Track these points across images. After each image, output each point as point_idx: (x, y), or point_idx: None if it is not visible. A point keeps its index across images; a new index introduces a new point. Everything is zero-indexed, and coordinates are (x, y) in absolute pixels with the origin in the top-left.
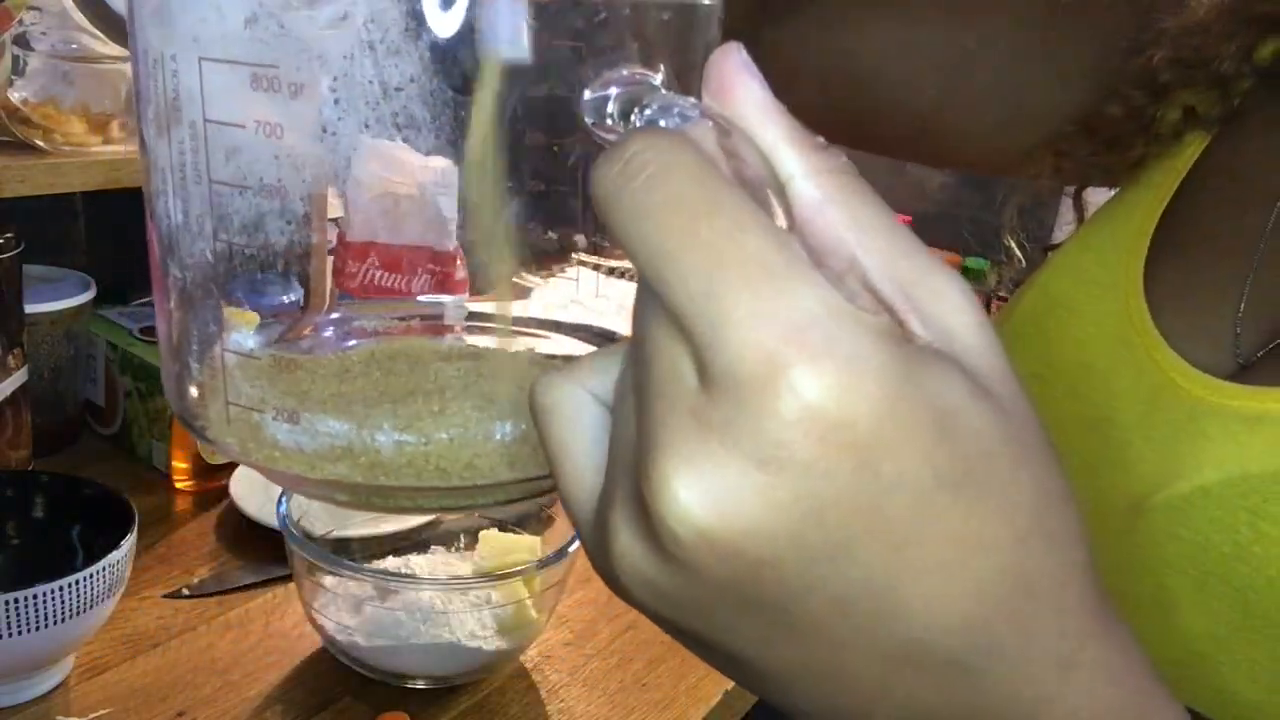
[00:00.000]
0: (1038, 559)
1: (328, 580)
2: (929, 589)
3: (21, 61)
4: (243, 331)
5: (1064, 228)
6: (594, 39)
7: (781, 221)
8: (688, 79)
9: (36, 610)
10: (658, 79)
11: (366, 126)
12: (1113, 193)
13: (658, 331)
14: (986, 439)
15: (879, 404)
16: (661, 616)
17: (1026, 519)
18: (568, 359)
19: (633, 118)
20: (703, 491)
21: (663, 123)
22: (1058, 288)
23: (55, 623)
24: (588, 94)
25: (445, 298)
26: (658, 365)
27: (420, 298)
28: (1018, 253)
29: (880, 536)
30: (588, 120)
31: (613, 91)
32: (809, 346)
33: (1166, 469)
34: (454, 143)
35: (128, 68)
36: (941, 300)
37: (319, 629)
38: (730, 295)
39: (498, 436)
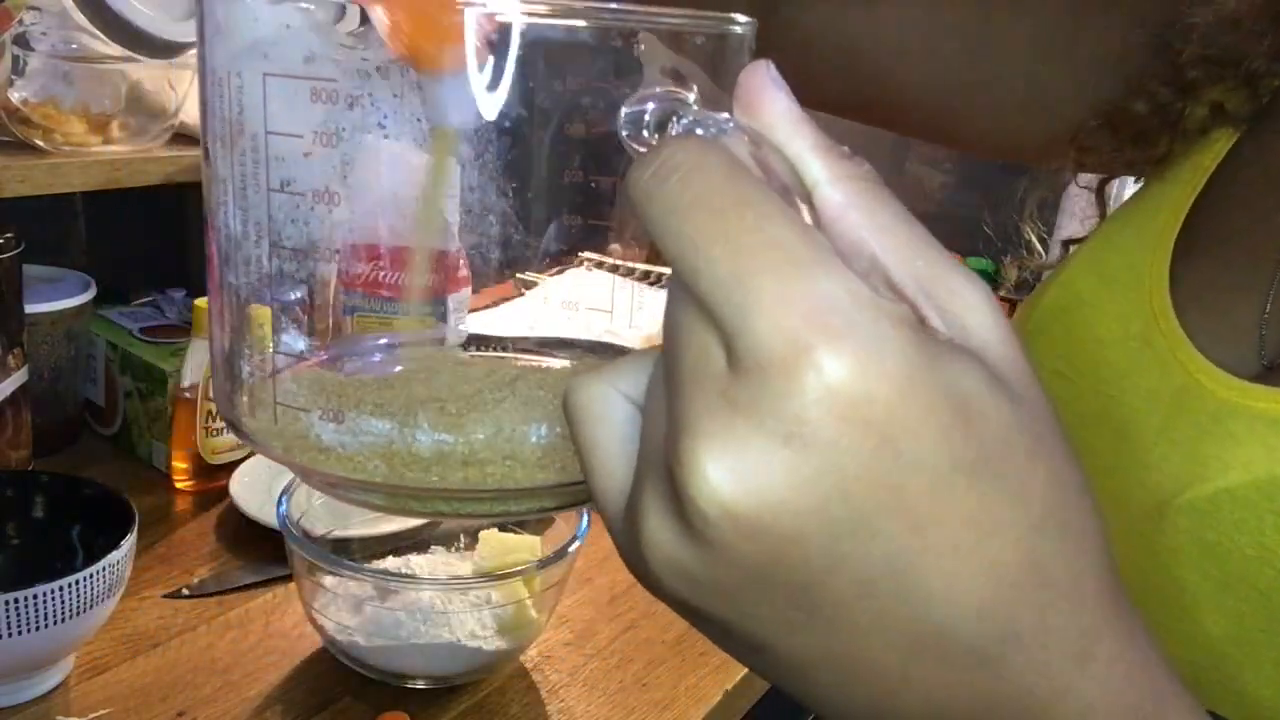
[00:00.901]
0: (1053, 548)
1: (328, 580)
2: (947, 571)
3: (21, 61)
4: (293, 333)
5: (1065, 221)
6: (631, 62)
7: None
8: (719, 103)
9: (36, 610)
10: (691, 97)
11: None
12: (1137, 186)
13: (688, 320)
14: (1002, 428)
15: (898, 384)
16: (688, 604)
17: (1041, 509)
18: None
19: (669, 129)
20: (730, 469)
21: (699, 132)
22: (1080, 284)
23: (55, 623)
24: (625, 109)
25: (444, 328)
26: (688, 352)
27: (427, 329)
28: (1038, 246)
29: (900, 515)
30: (624, 133)
31: (649, 106)
32: (831, 329)
33: (1190, 470)
34: (495, 178)
35: (128, 68)
36: (959, 298)
37: (319, 629)
38: (756, 281)
39: (533, 440)
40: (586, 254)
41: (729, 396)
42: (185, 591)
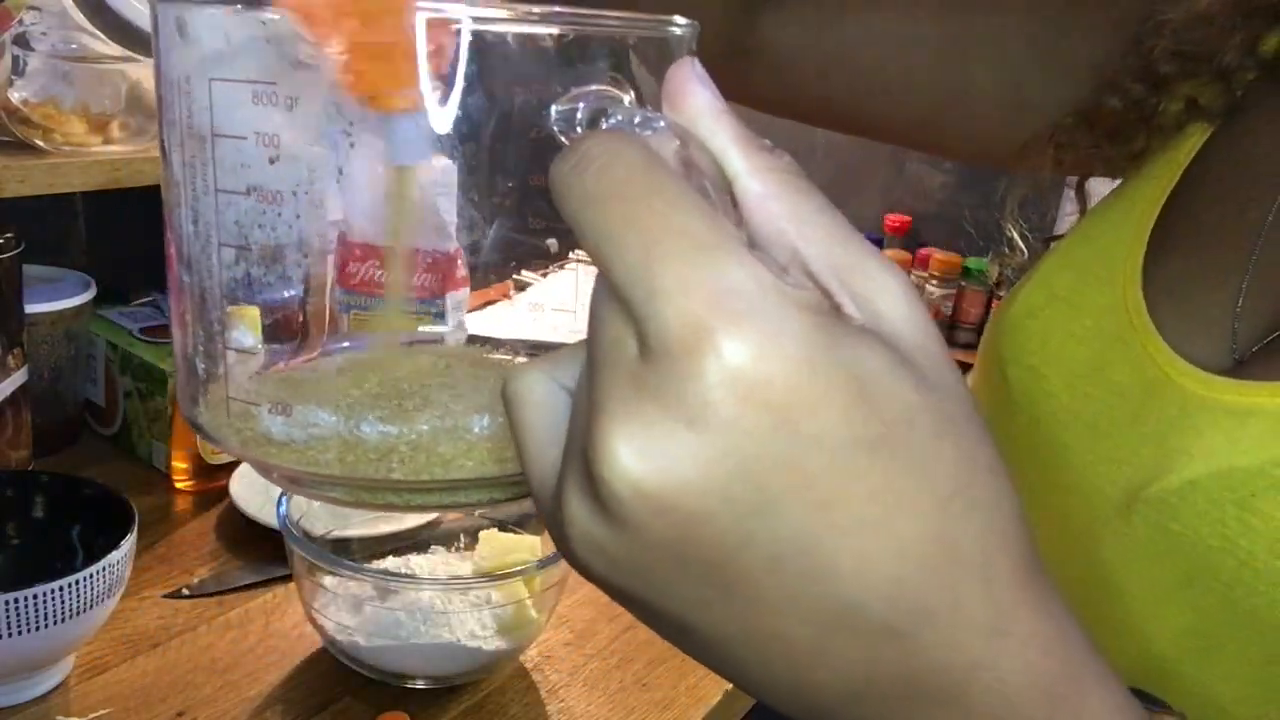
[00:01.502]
0: (962, 525)
1: (328, 580)
2: (854, 548)
3: (21, 61)
4: (242, 329)
5: (1065, 219)
6: (567, 65)
7: (729, 218)
8: (658, 105)
9: (36, 610)
10: (626, 99)
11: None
12: (1116, 183)
13: (604, 309)
14: (906, 408)
15: (797, 365)
16: (611, 584)
17: (949, 486)
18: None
19: (600, 126)
20: (639, 450)
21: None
22: (1057, 281)
23: (55, 623)
24: (557, 106)
25: (443, 328)
26: (604, 339)
27: (420, 327)
28: (1020, 244)
29: (804, 493)
30: (556, 130)
31: (581, 105)
32: (732, 312)
33: (1158, 463)
34: (463, 181)
35: (128, 68)
36: (873, 283)
37: (319, 629)
38: (662, 267)
39: (476, 430)
40: (577, 255)
41: (639, 381)
42: (185, 591)
